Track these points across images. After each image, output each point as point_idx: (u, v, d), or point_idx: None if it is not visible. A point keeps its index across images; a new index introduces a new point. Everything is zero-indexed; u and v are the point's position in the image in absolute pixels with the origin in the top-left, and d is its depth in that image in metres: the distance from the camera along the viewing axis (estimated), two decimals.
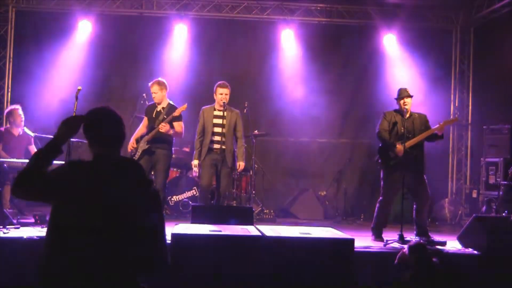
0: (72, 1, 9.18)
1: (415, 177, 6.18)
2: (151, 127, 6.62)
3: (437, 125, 6.21)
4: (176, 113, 6.44)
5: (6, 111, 7.42)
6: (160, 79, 6.72)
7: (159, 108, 6.67)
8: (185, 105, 6.49)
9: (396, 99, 6.43)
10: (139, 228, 2.43)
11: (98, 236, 2.36)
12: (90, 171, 2.48)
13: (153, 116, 6.66)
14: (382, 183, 6.36)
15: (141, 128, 6.77)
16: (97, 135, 2.59)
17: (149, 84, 6.72)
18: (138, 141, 6.65)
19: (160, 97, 6.64)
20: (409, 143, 6.14)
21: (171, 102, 6.73)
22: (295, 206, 8.97)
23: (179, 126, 6.59)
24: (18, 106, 7.38)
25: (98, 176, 2.46)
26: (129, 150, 6.62)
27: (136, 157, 6.52)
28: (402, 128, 6.19)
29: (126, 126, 2.71)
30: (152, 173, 6.69)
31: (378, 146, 6.50)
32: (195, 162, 6.79)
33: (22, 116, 7.28)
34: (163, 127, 6.38)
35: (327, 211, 9.05)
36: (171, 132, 6.49)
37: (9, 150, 7.10)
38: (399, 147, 6.15)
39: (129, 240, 2.41)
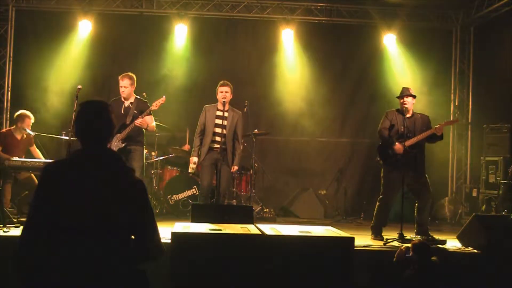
0: (72, 1, 9.18)
1: (415, 177, 6.19)
2: (121, 124, 6.45)
3: (437, 126, 6.22)
4: (154, 107, 6.31)
5: (17, 113, 7.19)
6: (130, 73, 6.58)
7: (126, 103, 6.55)
8: (164, 98, 6.36)
9: (398, 97, 6.45)
10: (126, 221, 2.39)
11: (85, 235, 2.33)
12: (67, 169, 2.43)
13: (121, 112, 6.49)
14: (382, 181, 6.38)
15: None
16: (75, 128, 2.55)
17: (119, 77, 6.57)
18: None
19: (129, 92, 6.53)
20: (408, 143, 6.15)
21: (138, 97, 6.64)
22: (295, 205, 8.97)
23: (151, 120, 6.55)
24: (29, 113, 7.25)
25: (75, 173, 2.41)
26: None
27: None
28: (402, 127, 6.20)
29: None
30: None
31: (377, 145, 6.51)
32: (194, 159, 6.72)
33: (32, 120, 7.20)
34: (142, 123, 6.31)
35: (327, 210, 9.05)
36: (146, 126, 6.44)
37: (9, 151, 7.03)
38: (398, 145, 6.16)
39: (117, 235, 2.38)
